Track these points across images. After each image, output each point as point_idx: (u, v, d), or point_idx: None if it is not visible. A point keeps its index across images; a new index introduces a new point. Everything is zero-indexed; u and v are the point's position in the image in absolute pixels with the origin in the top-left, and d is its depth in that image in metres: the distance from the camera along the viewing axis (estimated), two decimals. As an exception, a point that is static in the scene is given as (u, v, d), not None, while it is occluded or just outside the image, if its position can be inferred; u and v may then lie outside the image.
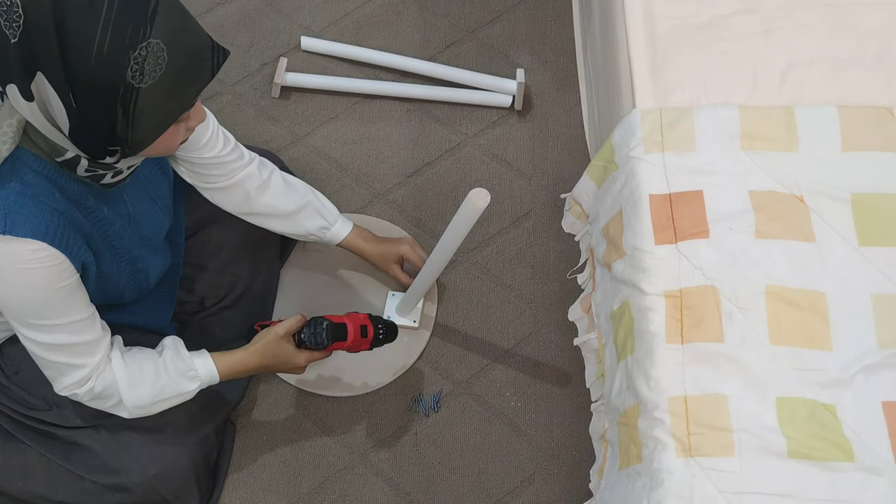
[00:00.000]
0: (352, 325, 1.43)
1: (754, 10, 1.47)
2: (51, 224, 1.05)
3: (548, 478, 1.59)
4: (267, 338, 1.37)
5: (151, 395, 1.27)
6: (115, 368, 1.23)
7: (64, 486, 1.39)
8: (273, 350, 1.37)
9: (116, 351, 1.24)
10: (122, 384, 1.24)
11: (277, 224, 1.51)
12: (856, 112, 1.37)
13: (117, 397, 1.25)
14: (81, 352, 1.18)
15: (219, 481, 1.56)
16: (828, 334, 1.21)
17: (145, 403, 1.27)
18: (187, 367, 1.30)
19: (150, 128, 1.01)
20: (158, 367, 1.28)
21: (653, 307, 1.25)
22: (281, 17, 2.07)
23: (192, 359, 1.32)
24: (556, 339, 1.70)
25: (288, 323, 1.39)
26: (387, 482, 1.59)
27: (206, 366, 1.32)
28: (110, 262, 1.22)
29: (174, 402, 1.31)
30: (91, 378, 1.21)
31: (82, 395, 1.23)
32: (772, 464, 1.12)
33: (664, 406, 1.18)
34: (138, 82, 0.95)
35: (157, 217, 1.33)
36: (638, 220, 1.32)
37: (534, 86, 1.97)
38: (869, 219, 1.29)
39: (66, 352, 1.17)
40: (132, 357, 1.26)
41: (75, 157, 1.05)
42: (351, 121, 1.93)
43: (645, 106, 1.41)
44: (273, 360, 1.38)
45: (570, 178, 1.82)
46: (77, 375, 1.20)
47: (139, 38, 0.93)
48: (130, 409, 1.27)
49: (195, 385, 1.32)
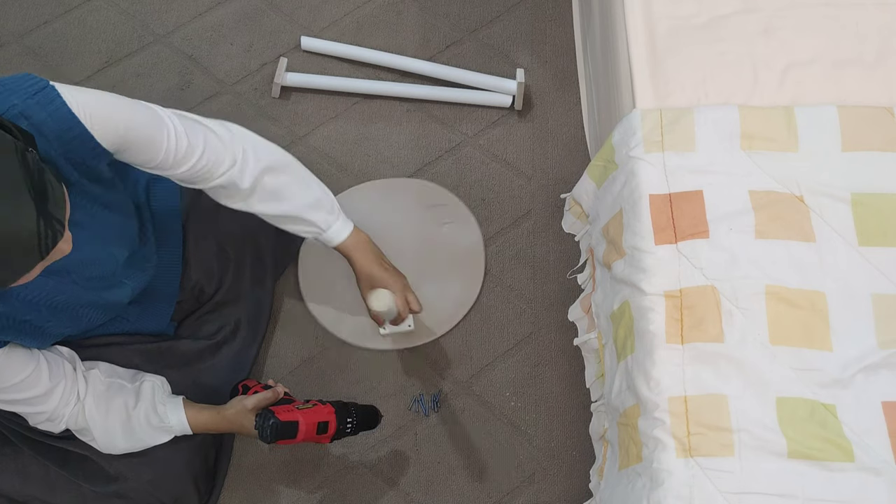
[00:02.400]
0: (305, 423, 1.37)
1: (754, 9, 1.47)
2: None
3: (548, 478, 1.59)
4: (236, 407, 1.41)
5: (123, 446, 1.35)
6: (89, 417, 1.30)
7: (62, 491, 1.40)
8: (240, 421, 1.40)
9: (90, 398, 1.30)
10: (97, 431, 1.31)
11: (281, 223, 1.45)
12: (856, 112, 1.36)
13: (91, 436, 1.32)
14: (34, 402, 1.24)
15: (218, 482, 1.56)
16: (828, 334, 1.21)
17: (117, 451, 1.36)
18: (160, 423, 1.37)
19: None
20: (132, 420, 1.34)
21: (653, 307, 1.25)
22: (281, 17, 2.07)
23: (168, 414, 1.37)
24: (556, 339, 1.70)
25: (256, 399, 1.40)
26: (387, 482, 1.59)
27: (180, 421, 1.38)
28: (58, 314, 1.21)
29: (147, 445, 1.38)
30: (59, 418, 1.28)
31: (56, 431, 1.31)
32: (772, 464, 1.12)
33: (664, 406, 1.18)
34: None
35: (106, 254, 1.26)
36: (638, 220, 1.32)
37: (534, 86, 1.97)
38: (869, 219, 1.29)
39: (18, 405, 1.23)
40: (105, 407, 1.31)
41: None
42: (351, 121, 1.93)
43: (645, 106, 1.41)
44: (240, 429, 1.41)
45: (570, 178, 1.82)
46: (40, 419, 1.27)
47: None
48: (104, 449, 1.35)
49: (167, 437, 1.39)
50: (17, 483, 1.39)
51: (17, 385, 1.19)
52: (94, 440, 1.32)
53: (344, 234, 1.48)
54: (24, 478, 1.39)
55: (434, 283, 1.74)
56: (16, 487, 1.39)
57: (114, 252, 1.28)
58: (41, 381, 1.22)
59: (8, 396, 1.20)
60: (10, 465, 1.39)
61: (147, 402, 1.36)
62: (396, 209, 1.83)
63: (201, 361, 1.53)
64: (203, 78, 1.98)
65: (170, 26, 2.05)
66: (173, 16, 2.06)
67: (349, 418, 1.42)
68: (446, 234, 1.80)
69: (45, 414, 1.26)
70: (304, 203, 1.43)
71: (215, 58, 2.01)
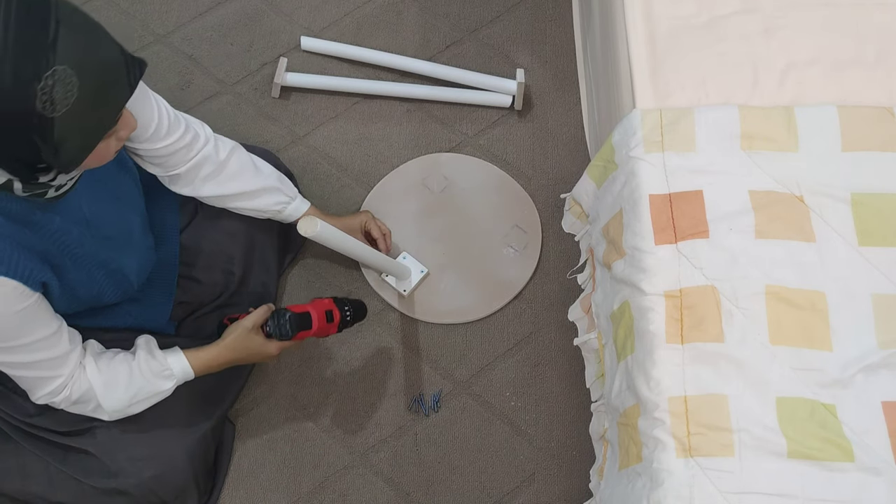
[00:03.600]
0: (315, 312, 1.44)
1: (754, 10, 1.47)
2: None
3: (548, 478, 1.59)
4: (236, 332, 1.39)
5: (128, 398, 1.29)
6: (90, 375, 1.25)
7: (62, 487, 1.39)
8: (244, 343, 1.39)
9: (90, 357, 1.26)
10: (98, 390, 1.26)
11: (236, 202, 1.50)
12: (856, 112, 1.36)
13: (95, 402, 1.27)
14: (52, 366, 1.19)
15: (218, 481, 1.56)
16: (828, 334, 1.21)
17: (122, 406, 1.29)
18: (162, 367, 1.32)
19: (77, 149, 0.98)
20: (133, 370, 1.29)
21: (653, 307, 1.25)
22: (281, 17, 2.07)
23: (166, 358, 1.33)
24: (556, 339, 1.70)
25: (255, 316, 1.41)
26: (387, 482, 1.59)
27: (180, 363, 1.34)
28: (76, 270, 1.21)
29: (152, 401, 1.33)
30: (66, 387, 1.23)
31: (59, 403, 1.25)
32: (772, 464, 1.12)
33: (664, 406, 1.18)
34: (50, 112, 0.91)
35: (120, 215, 1.30)
36: (638, 220, 1.32)
37: (534, 86, 1.97)
38: (869, 219, 1.29)
39: (35, 368, 1.18)
40: (106, 363, 1.27)
41: (8, 182, 1.03)
42: (351, 121, 1.93)
43: (645, 106, 1.41)
44: (245, 352, 1.40)
45: (570, 178, 1.82)
46: (50, 387, 1.21)
47: (42, 67, 0.89)
48: (109, 413, 1.29)
49: (171, 384, 1.34)
50: (18, 480, 1.39)
51: (43, 340, 1.15)
52: (97, 401, 1.27)
53: (305, 206, 1.58)
54: (25, 475, 1.39)
55: (456, 280, 1.75)
56: (16, 485, 1.39)
57: (126, 215, 1.31)
58: (62, 341, 1.19)
59: (30, 357, 1.16)
60: (11, 462, 1.39)
61: (144, 350, 1.32)
62: (485, 200, 1.83)
63: None
64: (203, 78, 1.98)
65: (170, 26, 2.05)
66: (173, 16, 2.06)
67: (346, 307, 1.49)
68: (503, 255, 1.78)
69: (59, 380, 1.21)
70: (275, 175, 1.52)
71: (215, 58, 2.01)
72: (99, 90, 0.95)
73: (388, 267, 1.64)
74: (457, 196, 1.84)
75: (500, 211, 1.82)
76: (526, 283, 1.75)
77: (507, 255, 1.77)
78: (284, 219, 1.58)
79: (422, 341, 1.71)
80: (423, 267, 1.74)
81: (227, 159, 1.45)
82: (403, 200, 1.83)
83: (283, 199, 1.54)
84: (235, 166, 1.46)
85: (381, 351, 1.70)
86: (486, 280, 1.75)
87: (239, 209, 1.53)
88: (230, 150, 1.46)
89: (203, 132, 1.41)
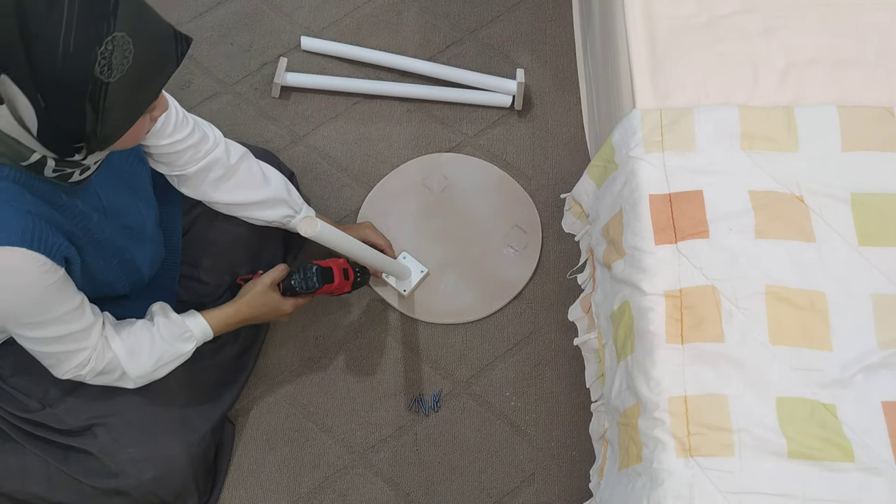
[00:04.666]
0: (337, 268, 1.52)
1: (754, 10, 1.47)
2: (27, 227, 1.05)
3: (548, 478, 1.59)
4: (254, 289, 1.43)
5: (153, 363, 1.31)
6: (114, 345, 1.26)
7: (62, 488, 1.39)
8: (261, 300, 1.43)
9: (110, 328, 1.27)
10: (123, 358, 1.27)
11: (244, 211, 1.50)
12: (856, 112, 1.36)
13: (120, 370, 1.28)
14: (78, 338, 1.21)
15: (218, 481, 1.56)
16: (828, 334, 1.21)
17: (147, 371, 1.31)
18: (181, 330, 1.34)
19: (120, 121, 1.01)
20: (154, 336, 1.31)
21: (653, 307, 1.25)
22: (281, 17, 2.07)
23: (184, 320, 1.35)
24: (556, 339, 1.70)
25: (273, 273, 1.45)
26: (387, 482, 1.59)
27: (199, 325, 1.37)
28: (94, 254, 1.22)
29: (175, 364, 1.35)
30: (91, 358, 1.24)
31: (85, 375, 1.25)
32: (772, 464, 1.12)
33: (664, 406, 1.18)
34: (107, 77, 0.95)
35: (136, 206, 1.32)
36: (638, 220, 1.32)
37: (534, 86, 1.97)
38: (869, 219, 1.29)
39: (62, 342, 1.19)
40: (127, 331, 1.29)
41: (42, 160, 1.04)
42: (351, 121, 1.93)
43: (645, 106, 1.41)
44: (261, 308, 1.43)
45: (570, 178, 1.82)
46: (77, 360, 1.22)
47: (104, 32, 0.93)
48: (135, 379, 1.30)
49: (192, 345, 1.36)
50: (18, 480, 1.39)
51: (69, 313, 1.17)
52: (122, 369, 1.28)
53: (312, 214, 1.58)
54: (25, 475, 1.39)
55: (456, 280, 1.75)
56: (16, 485, 1.39)
57: (140, 208, 1.33)
58: (86, 313, 1.21)
59: (60, 330, 1.17)
60: (12, 461, 1.39)
61: (161, 316, 1.34)
62: (485, 200, 1.83)
63: (203, 361, 1.53)
64: (203, 78, 1.98)
65: (170, 26, 2.05)
66: (173, 16, 2.06)
67: (356, 268, 1.58)
68: (503, 255, 1.78)
69: (84, 352, 1.22)
70: (283, 185, 1.52)
71: (215, 58, 2.01)
72: (151, 59, 0.98)
73: (388, 267, 1.64)
74: (457, 196, 1.84)
75: (500, 211, 1.82)
76: (526, 283, 1.75)
77: (507, 255, 1.77)
78: (291, 229, 1.57)
79: (422, 341, 1.71)
80: (423, 267, 1.74)
81: (236, 165, 1.45)
82: (403, 200, 1.84)
83: (289, 212, 1.53)
84: (245, 174, 1.46)
85: (381, 351, 1.70)
86: (486, 280, 1.75)
87: (246, 218, 1.53)
88: (240, 156, 1.46)
89: (213, 134, 1.41)
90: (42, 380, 1.36)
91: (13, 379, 1.37)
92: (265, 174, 1.51)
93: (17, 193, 1.06)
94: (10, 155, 1.03)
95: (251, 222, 1.54)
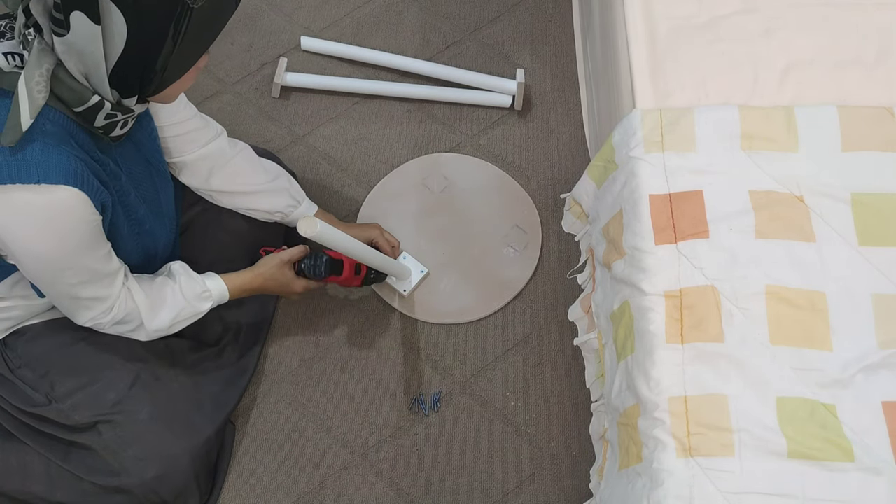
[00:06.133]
0: (348, 262, 1.56)
1: (754, 10, 1.47)
2: (77, 169, 1.08)
3: (548, 478, 1.59)
4: (272, 262, 1.48)
5: (171, 318, 1.34)
6: (136, 296, 1.29)
7: (63, 486, 1.39)
8: (275, 274, 1.48)
9: (132, 279, 1.30)
10: (143, 309, 1.30)
11: (245, 200, 1.53)
12: (856, 112, 1.36)
13: (138, 321, 1.31)
14: (105, 283, 1.23)
15: (218, 481, 1.56)
16: (828, 334, 1.21)
17: (165, 326, 1.34)
18: (201, 289, 1.38)
19: (187, 55, 1.07)
20: (175, 292, 1.34)
21: (653, 307, 1.25)
22: (281, 17, 2.07)
23: (204, 281, 1.39)
24: (556, 339, 1.70)
25: (291, 252, 1.50)
26: (387, 482, 1.59)
27: (218, 286, 1.41)
28: (120, 217, 1.24)
29: (189, 321, 1.39)
30: (114, 307, 1.27)
31: (105, 324, 1.28)
32: (772, 464, 1.12)
33: (664, 406, 1.18)
34: (193, 2, 1.00)
35: (153, 181, 1.35)
36: (638, 220, 1.32)
37: (534, 86, 1.97)
38: (869, 219, 1.29)
39: (92, 286, 1.21)
40: (149, 285, 1.32)
41: (97, 104, 1.08)
42: (351, 121, 1.93)
43: (645, 106, 1.41)
44: (273, 283, 1.48)
45: (570, 178, 1.82)
46: (102, 307, 1.25)
47: None
48: (150, 332, 1.33)
49: (209, 304, 1.40)
50: (18, 480, 1.39)
51: (102, 258, 1.20)
52: (140, 320, 1.31)
53: (313, 210, 1.62)
54: (25, 476, 1.39)
55: (456, 280, 1.75)
56: (16, 485, 1.39)
57: (158, 182, 1.36)
58: (113, 259, 1.24)
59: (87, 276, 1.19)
60: (12, 461, 1.39)
61: (182, 275, 1.37)
62: (485, 200, 1.83)
63: (204, 363, 1.53)
64: (203, 77, 1.98)
65: (170, 26, 2.05)
66: (173, 16, 2.06)
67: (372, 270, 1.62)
68: (503, 255, 1.78)
69: (108, 300, 1.25)
70: (284, 177, 1.58)
71: (215, 58, 2.01)
72: None
73: (388, 267, 1.64)
74: (457, 196, 1.84)
75: (500, 211, 1.82)
76: (526, 283, 1.75)
77: (507, 255, 1.77)
78: (291, 222, 1.59)
79: (422, 341, 1.71)
80: (423, 267, 1.74)
81: (236, 154, 1.50)
82: (403, 200, 1.84)
83: (291, 202, 1.57)
84: (245, 163, 1.52)
85: (381, 351, 1.70)
86: (486, 280, 1.75)
87: (247, 210, 1.54)
88: (241, 147, 1.52)
89: (215, 126, 1.48)
90: (49, 374, 1.37)
91: (21, 371, 1.37)
92: (264, 166, 1.55)
93: (66, 139, 1.09)
94: (69, 98, 1.06)
95: (253, 215, 1.56)
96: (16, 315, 1.36)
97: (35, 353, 1.38)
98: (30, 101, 1.01)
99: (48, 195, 1.06)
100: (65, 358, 1.38)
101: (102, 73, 1.04)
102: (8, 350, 1.38)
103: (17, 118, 1.00)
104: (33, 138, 1.04)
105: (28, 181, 1.03)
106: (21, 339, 1.38)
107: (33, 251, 1.11)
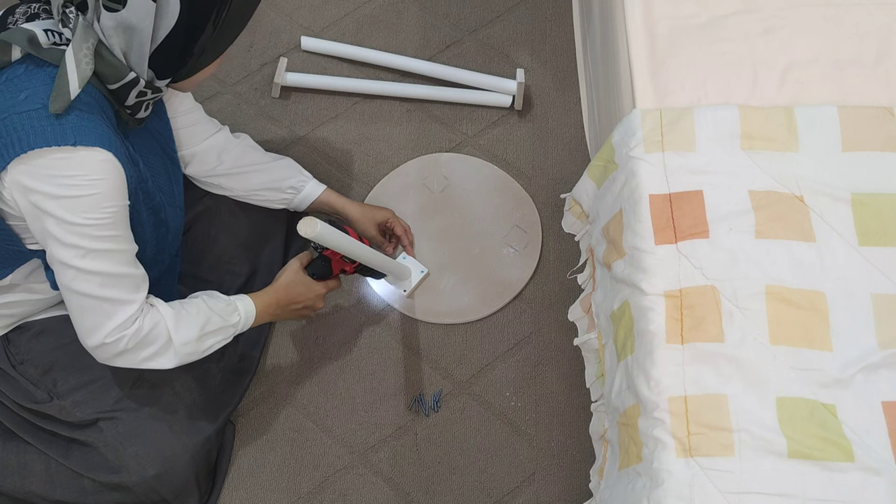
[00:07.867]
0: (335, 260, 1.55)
1: (754, 10, 1.47)
2: (111, 138, 1.11)
3: (548, 478, 1.59)
4: (286, 271, 1.48)
5: (199, 327, 1.29)
6: (160, 308, 1.25)
7: (62, 484, 1.39)
8: (294, 280, 1.48)
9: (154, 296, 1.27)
10: (170, 321, 1.25)
11: (256, 179, 1.56)
12: (856, 112, 1.36)
13: (165, 336, 1.24)
14: (130, 286, 1.20)
15: (218, 481, 1.57)
16: (828, 334, 1.21)
17: (194, 337, 1.28)
18: (226, 302, 1.36)
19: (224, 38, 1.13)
20: (199, 304, 1.32)
21: (653, 307, 1.25)
22: (281, 17, 2.07)
23: (233, 300, 1.38)
24: (556, 339, 1.70)
25: (300, 257, 1.51)
26: (387, 482, 1.59)
27: (243, 300, 1.39)
28: (140, 202, 1.24)
29: (219, 336, 1.34)
30: (138, 319, 1.21)
31: (130, 336, 1.21)
32: (772, 464, 1.12)
33: (664, 406, 1.18)
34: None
35: (167, 168, 1.37)
36: (638, 220, 1.32)
37: (534, 86, 1.97)
38: (869, 219, 1.29)
39: (118, 285, 1.18)
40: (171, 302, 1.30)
41: (132, 80, 1.12)
42: (351, 121, 1.93)
43: (645, 106, 1.41)
44: (296, 290, 1.47)
45: (570, 178, 1.82)
46: (126, 313, 1.19)
47: None
48: (178, 348, 1.27)
49: (236, 317, 1.37)
50: (18, 479, 1.39)
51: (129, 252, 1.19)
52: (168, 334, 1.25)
53: (320, 189, 1.64)
54: (25, 474, 1.39)
55: (456, 280, 1.75)
56: (16, 484, 1.39)
57: (171, 171, 1.38)
58: (139, 264, 1.24)
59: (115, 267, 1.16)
60: (12, 461, 1.39)
61: (204, 294, 1.36)
62: (485, 200, 1.84)
63: (206, 363, 1.53)
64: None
65: (170, 26, 2.05)
66: (173, 16, 2.06)
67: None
68: (503, 255, 1.78)
69: (134, 305, 1.20)
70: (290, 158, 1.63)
71: (215, 58, 2.01)
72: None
73: (388, 267, 1.64)
74: (457, 196, 1.84)
75: (500, 211, 1.82)
76: (526, 283, 1.75)
77: (507, 255, 1.77)
78: (300, 202, 1.62)
79: (422, 341, 1.71)
80: (423, 267, 1.74)
81: (240, 140, 1.58)
82: (403, 200, 1.84)
83: (300, 175, 1.60)
84: (250, 145, 1.59)
85: (381, 351, 1.70)
86: (486, 280, 1.75)
87: (259, 190, 1.57)
88: (243, 136, 1.60)
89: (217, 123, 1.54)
90: (52, 370, 1.37)
91: (22, 367, 1.37)
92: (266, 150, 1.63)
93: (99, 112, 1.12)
94: (108, 74, 1.10)
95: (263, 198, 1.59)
96: (19, 311, 1.36)
97: (38, 349, 1.38)
98: (78, 72, 1.05)
99: (84, 154, 1.08)
100: (68, 355, 1.38)
101: (145, 50, 1.08)
102: (11, 346, 1.38)
103: (65, 87, 1.04)
104: (71, 107, 1.07)
105: (65, 143, 1.06)
106: (24, 335, 1.38)
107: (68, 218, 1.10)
